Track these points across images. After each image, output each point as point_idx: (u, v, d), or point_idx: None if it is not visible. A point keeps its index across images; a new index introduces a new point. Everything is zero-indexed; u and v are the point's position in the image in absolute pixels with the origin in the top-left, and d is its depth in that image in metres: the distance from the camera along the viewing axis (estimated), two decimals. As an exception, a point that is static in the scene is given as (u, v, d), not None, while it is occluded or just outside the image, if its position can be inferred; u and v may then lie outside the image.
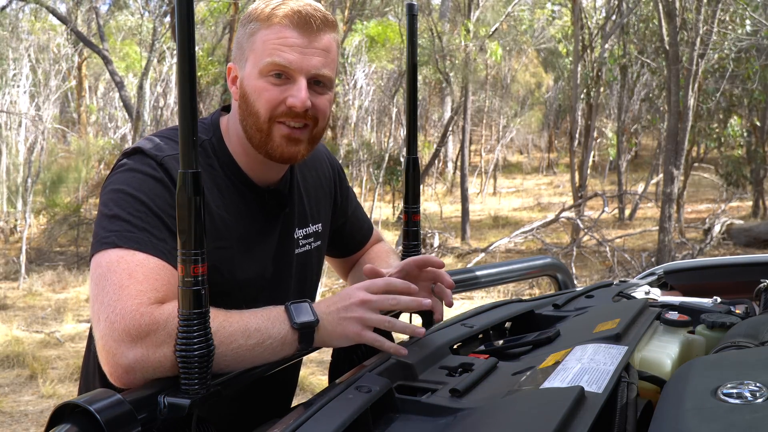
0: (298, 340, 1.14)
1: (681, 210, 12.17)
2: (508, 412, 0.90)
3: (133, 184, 1.17)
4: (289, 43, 1.21)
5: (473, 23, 12.39)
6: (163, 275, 1.09)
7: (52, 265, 9.91)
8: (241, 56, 1.27)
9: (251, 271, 1.30)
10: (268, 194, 1.34)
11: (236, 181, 1.30)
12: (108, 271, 1.08)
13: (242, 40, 1.27)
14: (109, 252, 1.10)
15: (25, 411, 4.82)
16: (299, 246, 1.41)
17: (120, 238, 1.11)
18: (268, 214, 1.34)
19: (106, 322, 1.04)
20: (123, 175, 1.19)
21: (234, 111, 1.31)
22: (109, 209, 1.15)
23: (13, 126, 12.08)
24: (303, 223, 1.42)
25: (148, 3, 12.94)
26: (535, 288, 7.98)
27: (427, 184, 17.08)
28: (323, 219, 1.48)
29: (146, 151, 1.20)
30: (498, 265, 2.13)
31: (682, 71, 9.06)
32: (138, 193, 1.15)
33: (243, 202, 1.30)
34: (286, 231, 1.37)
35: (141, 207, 1.14)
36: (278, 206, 1.36)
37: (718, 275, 2.16)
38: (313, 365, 5.48)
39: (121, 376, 1.03)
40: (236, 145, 1.30)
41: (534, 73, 23.47)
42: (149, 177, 1.17)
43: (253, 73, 1.23)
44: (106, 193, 1.19)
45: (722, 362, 0.93)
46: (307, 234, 1.43)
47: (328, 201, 1.51)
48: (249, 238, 1.30)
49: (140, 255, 1.10)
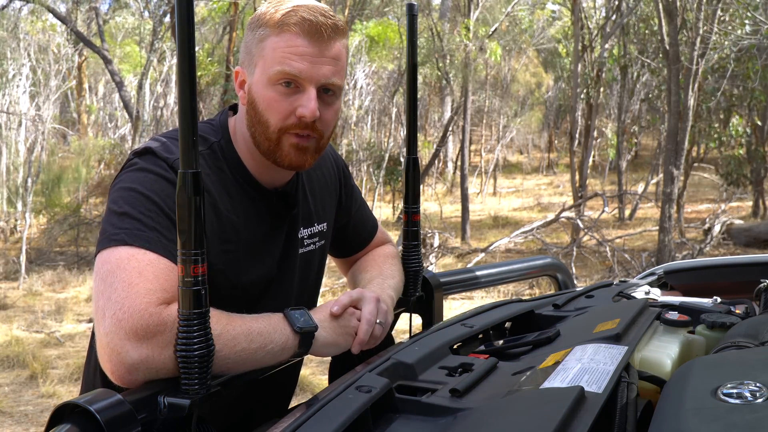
0: (298, 345, 1.16)
1: (681, 210, 12.17)
2: (508, 412, 0.90)
3: (144, 183, 1.16)
4: (300, 52, 1.20)
5: (473, 23, 12.40)
6: (173, 277, 1.09)
7: (52, 265, 9.91)
8: (249, 61, 1.25)
9: (255, 274, 1.30)
10: (276, 196, 1.33)
11: (244, 183, 1.30)
12: (117, 267, 1.07)
13: (251, 45, 1.25)
14: (118, 249, 1.09)
15: (25, 411, 4.82)
16: (303, 246, 1.40)
17: (130, 236, 1.10)
18: (275, 216, 1.33)
19: (113, 319, 1.03)
20: (134, 174, 1.18)
21: (241, 115, 1.30)
22: (119, 206, 1.14)
23: (13, 126, 12.07)
24: (308, 223, 1.41)
25: (149, 3, 12.94)
26: (535, 288, 7.98)
27: (427, 184, 17.08)
28: (328, 218, 1.48)
29: (157, 152, 1.20)
30: (498, 265, 2.13)
31: (682, 71, 9.06)
32: (149, 193, 1.15)
33: (252, 204, 1.29)
34: (291, 231, 1.37)
35: (152, 207, 1.14)
36: (285, 208, 1.35)
37: (718, 275, 2.16)
38: (313, 365, 5.48)
39: (123, 375, 1.03)
40: (243, 147, 1.30)
41: (534, 73, 23.47)
42: (161, 178, 1.17)
43: (262, 81, 1.22)
44: (116, 190, 1.18)
45: (722, 362, 0.93)
46: (312, 233, 1.42)
47: (333, 200, 1.51)
48: (255, 241, 1.29)
49: (151, 255, 1.09)
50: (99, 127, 18.76)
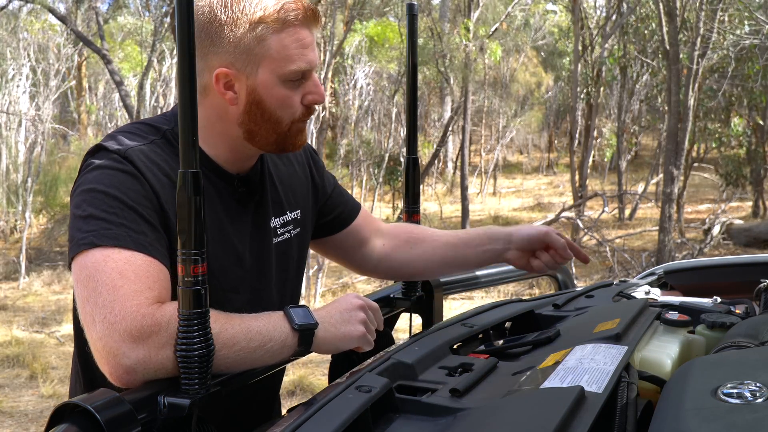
0: (298, 343, 1.14)
1: (681, 210, 12.17)
2: (508, 412, 0.90)
3: (102, 180, 1.14)
4: (305, 44, 1.22)
5: (473, 23, 12.39)
6: (152, 271, 1.08)
7: (52, 265, 9.91)
8: (247, 61, 1.21)
9: (225, 260, 1.27)
10: (238, 181, 1.31)
11: (204, 168, 1.24)
12: (96, 271, 1.06)
13: (250, 45, 1.21)
14: (91, 252, 1.08)
15: (25, 411, 4.82)
16: (277, 235, 1.38)
17: (98, 236, 1.09)
18: (239, 202, 1.31)
19: (104, 323, 1.02)
20: (90, 174, 1.17)
21: (218, 111, 1.25)
22: (82, 210, 1.13)
23: (12, 126, 12.07)
24: (279, 212, 1.39)
25: (149, 3, 12.94)
26: (535, 288, 7.98)
27: (427, 184, 17.07)
28: (301, 205, 1.45)
29: (108, 147, 1.18)
30: (498, 265, 2.12)
31: (682, 71, 9.06)
32: (109, 189, 1.13)
33: (213, 189, 1.27)
34: (261, 220, 1.35)
35: (114, 202, 1.12)
36: (249, 193, 1.33)
37: (718, 275, 2.16)
38: (313, 365, 5.48)
39: (122, 376, 1.03)
40: (205, 134, 1.23)
41: (534, 73, 23.46)
42: (117, 171, 1.15)
43: (272, 81, 1.21)
44: (76, 195, 1.16)
45: (722, 362, 0.93)
46: (285, 222, 1.40)
47: (306, 185, 1.48)
48: (221, 225, 1.27)
49: (125, 252, 1.08)
50: (99, 127, 18.74)
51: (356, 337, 1.21)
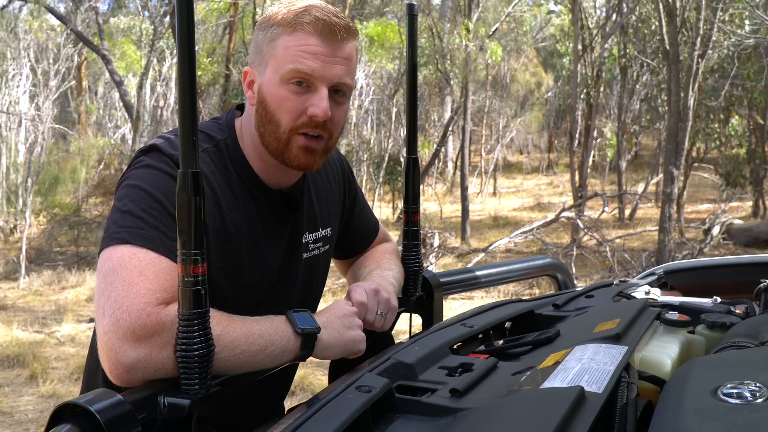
0: (300, 348, 1.15)
1: (681, 210, 12.16)
2: (508, 412, 0.90)
3: (149, 180, 1.16)
4: (312, 51, 1.20)
5: (473, 23, 12.39)
6: (173, 276, 1.08)
7: (52, 265, 9.90)
8: (260, 61, 1.25)
9: (257, 275, 1.29)
10: (280, 197, 1.33)
11: (249, 183, 1.29)
12: (118, 266, 1.07)
13: (262, 45, 1.24)
14: (120, 248, 1.09)
15: (25, 411, 4.82)
16: (308, 250, 1.40)
17: (131, 234, 1.10)
18: (278, 218, 1.33)
19: (111, 318, 1.03)
20: (140, 171, 1.18)
21: (248, 114, 1.29)
22: (123, 204, 1.14)
23: (12, 126, 12.07)
24: (312, 228, 1.41)
25: (148, 3, 12.94)
26: (535, 288, 7.98)
27: (427, 184, 17.07)
28: (332, 223, 1.47)
29: (163, 149, 1.19)
30: (498, 265, 2.13)
31: (682, 71, 9.06)
32: (153, 191, 1.14)
33: (255, 205, 1.29)
34: (295, 235, 1.36)
35: (155, 205, 1.13)
36: (289, 209, 1.34)
37: (718, 275, 2.16)
38: (313, 365, 5.47)
39: (122, 374, 1.03)
40: (250, 147, 1.29)
41: (534, 73, 23.46)
42: (166, 175, 1.16)
43: (274, 80, 1.22)
44: (122, 188, 1.17)
45: (722, 362, 0.93)
46: (316, 238, 1.42)
47: (338, 205, 1.50)
48: (258, 241, 1.29)
49: (152, 254, 1.09)
50: (99, 127, 18.75)
51: (359, 341, 1.23)
